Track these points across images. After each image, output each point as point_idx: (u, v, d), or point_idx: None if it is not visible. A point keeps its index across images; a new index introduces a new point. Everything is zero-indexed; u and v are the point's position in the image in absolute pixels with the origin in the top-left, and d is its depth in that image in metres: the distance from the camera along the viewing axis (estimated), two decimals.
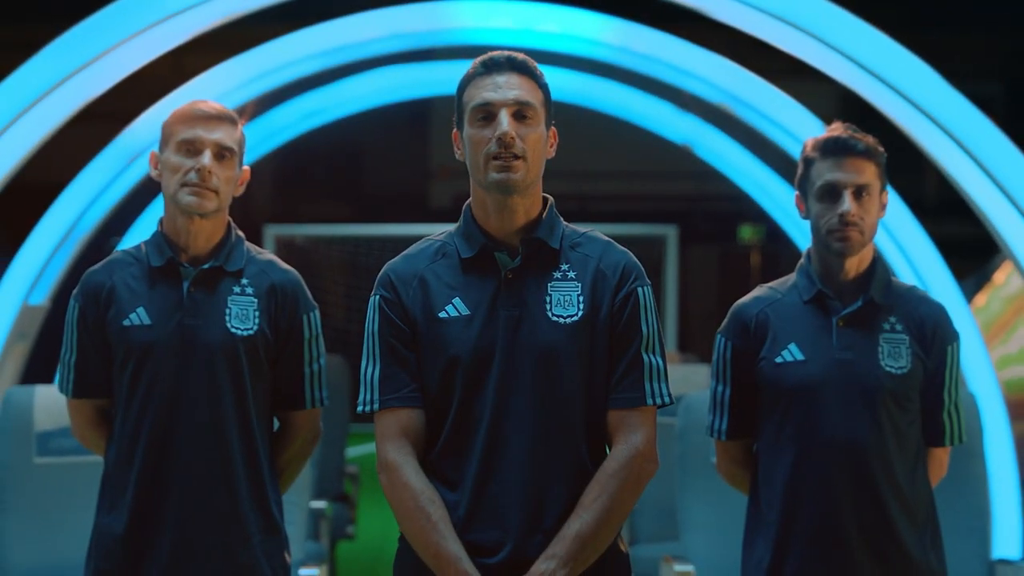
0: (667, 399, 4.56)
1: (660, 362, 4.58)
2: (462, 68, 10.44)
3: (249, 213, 24.10)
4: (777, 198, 10.68)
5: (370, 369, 4.62)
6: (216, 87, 8.72)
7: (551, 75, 11.16)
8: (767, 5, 6.83)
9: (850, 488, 5.16)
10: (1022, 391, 18.30)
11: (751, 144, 10.43)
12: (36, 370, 9.95)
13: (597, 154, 22.83)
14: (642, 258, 4.65)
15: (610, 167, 27.13)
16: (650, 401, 4.47)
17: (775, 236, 19.57)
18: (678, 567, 7.35)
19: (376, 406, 4.57)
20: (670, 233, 24.28)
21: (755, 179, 10.73)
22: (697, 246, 27.89)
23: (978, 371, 9.18)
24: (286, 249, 24.04)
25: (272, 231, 23.53)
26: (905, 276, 9.48)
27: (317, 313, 5.57)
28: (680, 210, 27.05)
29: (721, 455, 5.55)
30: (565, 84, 10.67)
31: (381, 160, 29.84)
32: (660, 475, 8.90)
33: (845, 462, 5.15)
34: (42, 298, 9.38)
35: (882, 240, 9.59)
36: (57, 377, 5.50)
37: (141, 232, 11.17)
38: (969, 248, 17.90)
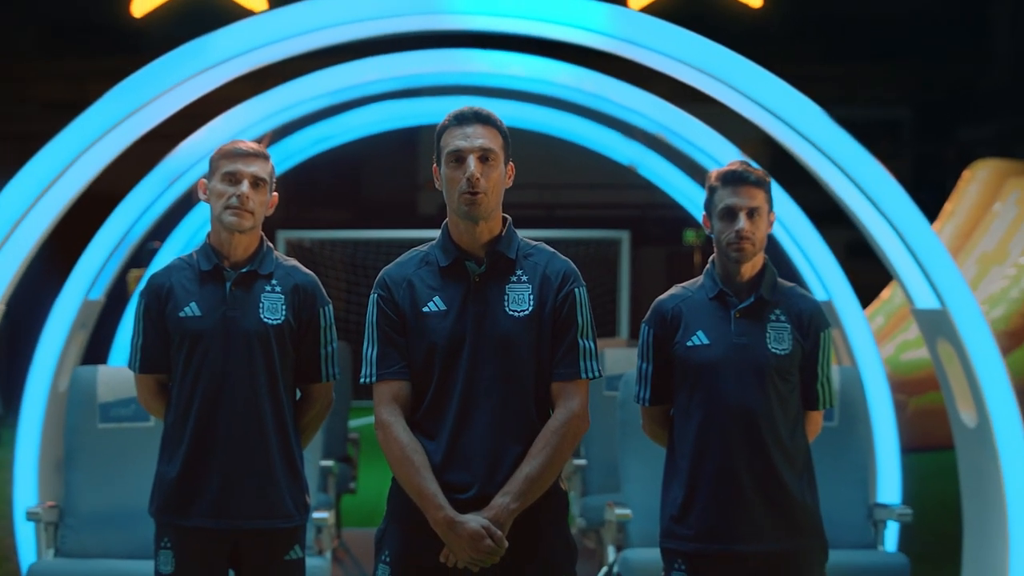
0: (597, 374, 5.04)
1: (592, 345, 5.04)
2: (442, 103, 10.65)
3: (264, 220, 24.46)
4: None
5: (370, 350, 5.07)
6: (243, 119, 8.96)
7: (524, 110, 11.28)
8: (694, 60, 7.06)
9: (744, 443, 5.49)
10: (913, 371, 18.54)
11: (683, 165, 10.75)
12: (95, 353, 10.32)
13: (563, 170, 22.81)
14: (600, 258, 5.21)
15: (574, 180, 27.02)
16: (583, 375, 4.96)
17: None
18: (618, 511, 7.67)
19: (374, 378, 5.04)
20: (624, 237, 24.22)
21: (687, 194, 10.97)
22: (647, 247, 27.71)
23: (867, 358, 9.47)
24: (295, 250, 24.06)
25: (283, 235, 23.56)
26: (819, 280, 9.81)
27: (331, 307, 5.91)
28: (633, 216, 27.03)
29: (645, 418, 5.87)
30: (535, 117, 10.93)
31: (376, 174, 29.82)
32: (605, 438, 9.19)
33: (740, 423, 5.49)
34: (99, 293, 9.62)
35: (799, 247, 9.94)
36: (127, 358, 5.87)
37: (178, 239, 11.46)
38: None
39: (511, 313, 5.07)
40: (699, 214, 10.71)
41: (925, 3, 29.30)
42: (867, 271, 13.53)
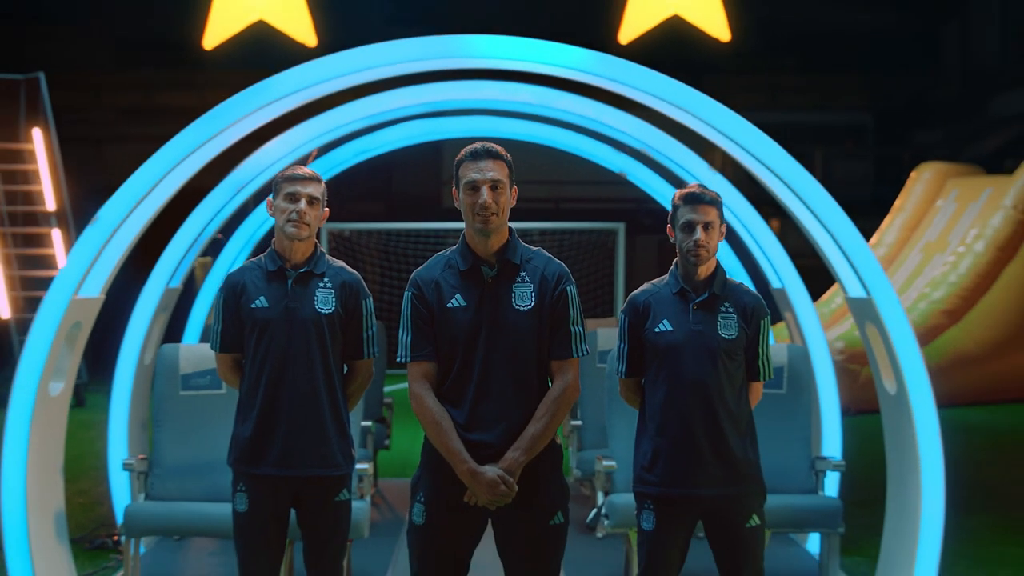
0: (586, 352, 5.50)
1: (581, 330, 5.49)
2: (463, 121, 10.75)
3: None
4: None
5: (405, 336, 5.50)
6: (298, 138, 9.19)
7: (532, 127, 11.39)
8: (657, 92, 7.27)
9: (699, 409, 5.88)
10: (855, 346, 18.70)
11: (663, 174, 10.96)
12: (173, 332, 10.57)
13: (567, 170, 22.90)
14: (599, 246, 5.68)
15: (576, 178, 27.01)
16: (575, 355, 5.43)
17: None
18: (606, 463, 8.01)
19: (408, 359, 5.47)
20: (620, 228, 24.17)
21: (666, 196, 11.01)
22: (641, 237, 27.56)
23: (814, 337, 9.71)
24: (336, 240, 24.20)
25: (327, 227, 23.32)
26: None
27: (371, 299, 6.30)
28: (627, 210, 26.98)
29: (621, 386, 6.25)
30: (541, 133, 11.06)
31: (405, 173, 29.84)
32: (597, 403, 9.50)
33: (696, 393, 5.86)
34: (177, 282, 9.85)
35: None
36: (211, 339, 6.26)
37: (241, 234, 11.60)
38: None
39: (517, 307, 5.49)
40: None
41: (886, 24, 29.24)
42: None
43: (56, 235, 20.33)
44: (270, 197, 6.27)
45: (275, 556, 6.28)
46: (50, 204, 20.46)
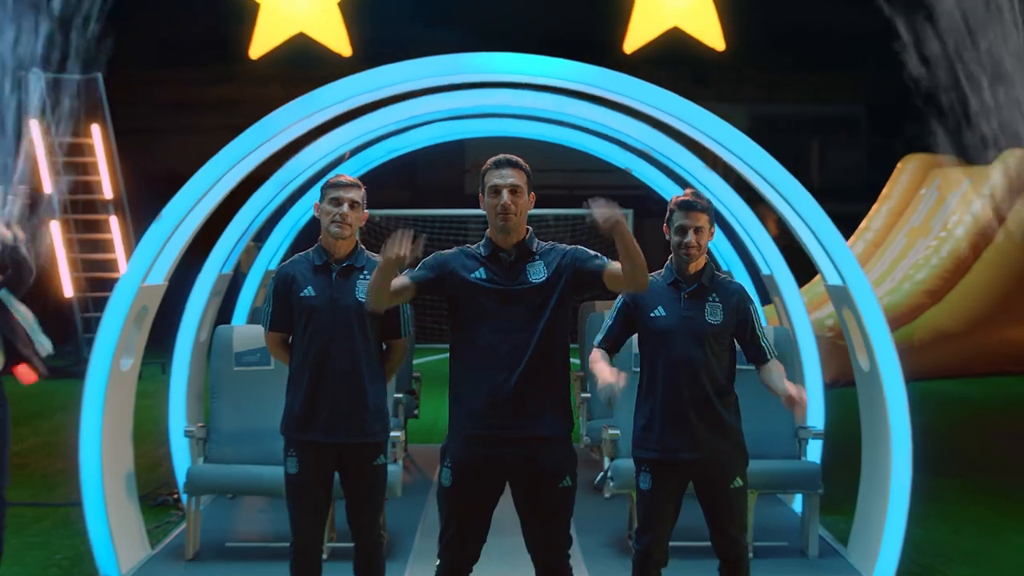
0: (607, 261, 5.76)
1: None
2: (483, 123, 10.67)
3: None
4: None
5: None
6: (336, 140, 9.35)
7: (548, 128, 11.31)
8: (649, 100, 7.67)
9: (688, 386, 6.12)
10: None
11: (664, 170, 11.17)
12: (223, 315, 10.85)
13: (580, 159, 23.07)
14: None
15: (589, 167, 27.28)
16: (605, 261, 5.72)
17: None
18: (611, 431, 8.32)
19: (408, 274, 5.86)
20: (628, 214, 24.40)
21: (667, 189, 11.21)
22: (648, 220, 27.94)
23: (800, 319, 9.98)
24: (367, 224, 24.52)
25: None
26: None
27: None
28: (636, 196, 27.35)
29: (593, 352, 6.39)
30: (558, 134, 11.42)
31: (430, 162, 30.26)
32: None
33: (686, 371, 6.12)
34: (228, 268, 10.10)
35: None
36: (262, 319, 6.49)
37: (284, 225, 11.79)
38: None
39: (532, 280, 5.72)
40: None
41: (877, 24, 29.08)
42: None
43: (113, 221, 20.70)
44: (317, 201, 6.49)
45: (321, 514, 6.50)
46: (108, 193, 20.84)
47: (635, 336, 6.47)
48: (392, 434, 7.66)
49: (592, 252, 5.85)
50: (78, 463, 8.13)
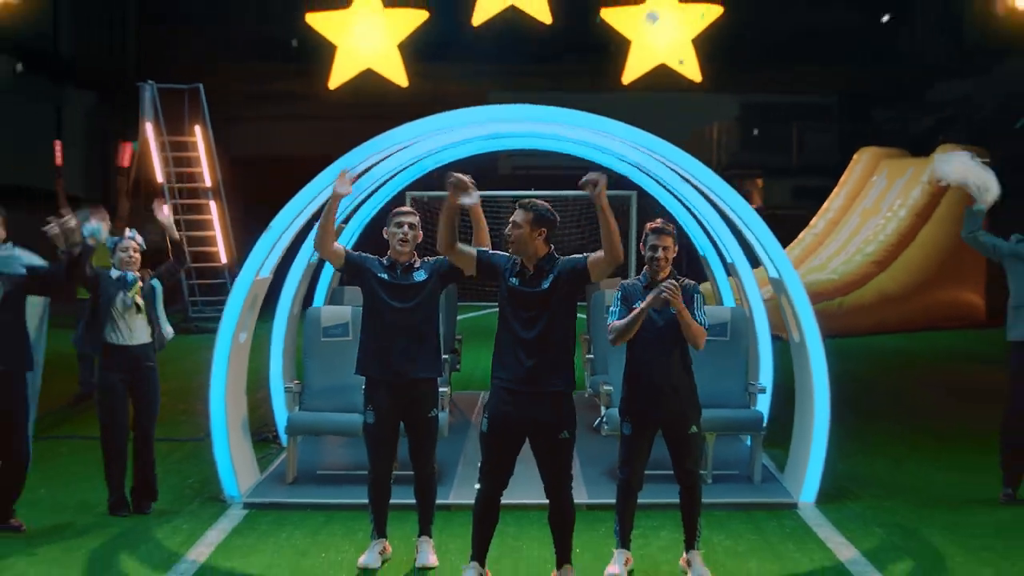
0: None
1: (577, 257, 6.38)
2: (511, 139, 10.66)
3: (395, 182, 24.33)
4: (671, 205, 11.33)
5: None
6: (400, 160, 9.87)
7: (563, 143, 11.40)
8: (621, 135, 8.44)
9: (657, 359, 6.75)
10: (814, 286, 19.31)
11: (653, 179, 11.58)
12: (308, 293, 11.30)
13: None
14: (615, 209, 6.04)
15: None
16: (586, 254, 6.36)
17: None
18: (606, 387, 8.98)
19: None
20: (632, 195, 24.08)
21: (656, 191, 11.69)
22: (650, 199, 28.07)
23: (755, 299, 10.24)
24: (417, 204, 24.37)
25: (410, 194, 22.92)
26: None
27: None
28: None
29: (611, 324, 6.85)
30: (569, 147, 11.37)
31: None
32: (604, 344, 9.90)
33: (656, 349, 6.74)
34: (315, 258, 10.41)
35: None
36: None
37: (355, 221, 12.01)
38: None
39: (543, 287, 6.36)
40: (670, 202, 10.85)
41: (850, 23, 28.81)
42: None
43: (212, 205, 21.56)
44: (385, 227, 7.15)
45: (391, 451, 7.14)
46: (207, 182, 21.67)
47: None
48: (441, 389, 8.09)
49: (578, 256, 6.44)
50: (198, 407, 8.72)
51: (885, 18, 21.87)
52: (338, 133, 21.67)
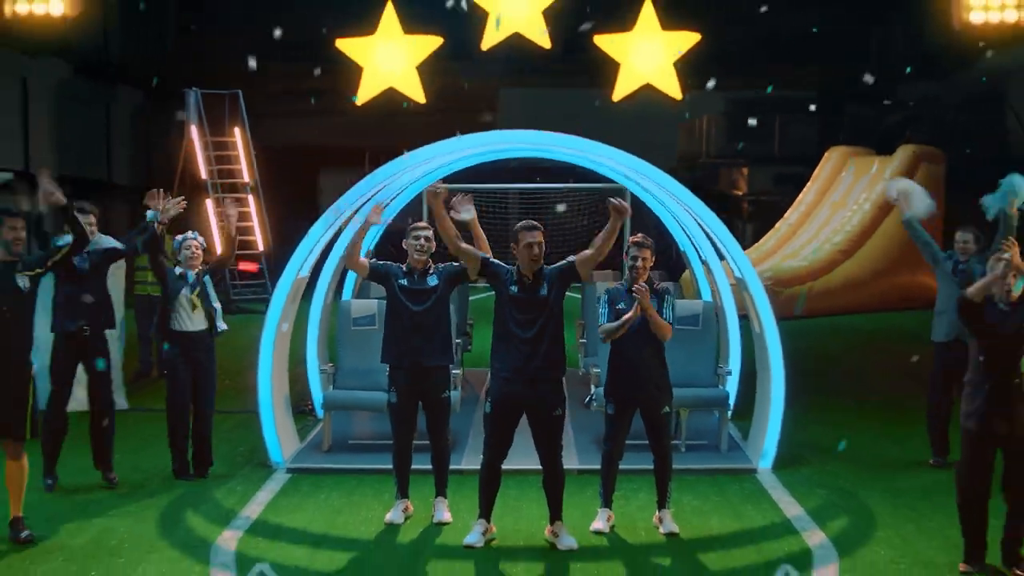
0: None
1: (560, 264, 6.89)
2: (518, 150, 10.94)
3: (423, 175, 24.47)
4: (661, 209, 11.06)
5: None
6: (419, 171, 9.99)
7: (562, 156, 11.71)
8: (600, 154, 8.83)
9: (637, 352, 7.19)
10: (787, 272, 18.77)
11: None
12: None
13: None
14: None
15: None
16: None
17: None
18: (595, 369, 9.45)
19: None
20: (628, 191, 25.07)
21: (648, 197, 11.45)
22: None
23: (726, 292, 10.44)
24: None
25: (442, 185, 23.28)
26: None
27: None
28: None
29: (602, 327, 7.31)
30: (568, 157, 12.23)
31: None
32: (595, 330, 10.03)
33: (636, 343, 7.16)
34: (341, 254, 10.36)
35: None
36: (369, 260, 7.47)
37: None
38: None
39: (540, 294, 6.88)
40: (659, 210, 11.21)
41: (827, 27, 28.65)
42: None
43: (250, 199, 22.05)
44: (405, 238, 7.56)
45: (411, 426, 7.59)
46: (246, 178, 22.12)
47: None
48: (454, 372, 8.49)
49: (561, 262, 6.96)
50: (243, 382, 9.31)
51: (869, 79, 21.92)
52: (363, 127, 22.02)
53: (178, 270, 8.67)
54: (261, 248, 21.90)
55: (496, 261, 7.21)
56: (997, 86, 24.09)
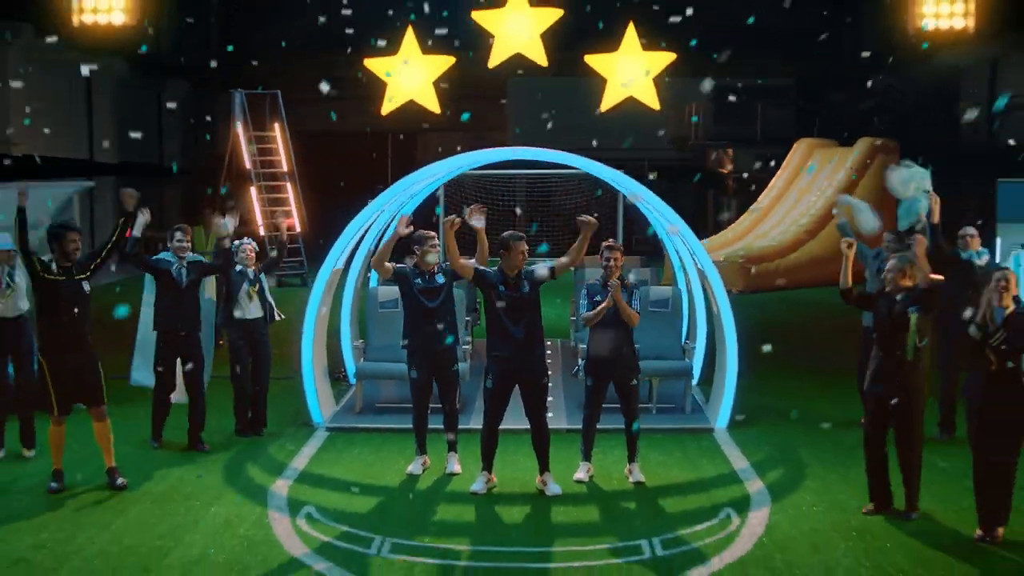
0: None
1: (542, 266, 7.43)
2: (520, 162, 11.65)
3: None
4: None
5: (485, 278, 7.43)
6: (436, 172, 10.41)
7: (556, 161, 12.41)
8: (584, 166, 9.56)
9: (610, 335, 7.75)
10: (758, 251, 20.08)
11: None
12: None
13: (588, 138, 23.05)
14: (605, 188, 7.48)
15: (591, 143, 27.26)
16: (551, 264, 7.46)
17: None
18: (581, 345, 9.74)
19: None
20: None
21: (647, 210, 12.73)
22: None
23: (695, 281, 10.79)
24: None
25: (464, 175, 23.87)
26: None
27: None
28: (629, 159, 28.02)
29: (583, 315, 7.84)
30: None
31: None
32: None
33: (611, 328, 7.74)
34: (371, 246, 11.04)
35: None
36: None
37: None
38: None
39: (522, 291, 7.42)
40: (646, 209, 11.59)
41: (805, 23, 28.87)
42: None
43: (288, 186, 22.73)
44: (417, 245, 8.03)
45: (427, 394, 8.14)
46: (284, 167, 22.80)
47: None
48: (464, 347, 9.29)
49: (541, 266, 7.46)
50: (285, 351, 9.92)
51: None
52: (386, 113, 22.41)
53: (238, 268, 9.33)
54: (298, 229, 22.52)
55: (483, 269, 7.70)
56: (948, 82, 24.51)
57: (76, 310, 7.59)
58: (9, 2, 18.83)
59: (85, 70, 18.77)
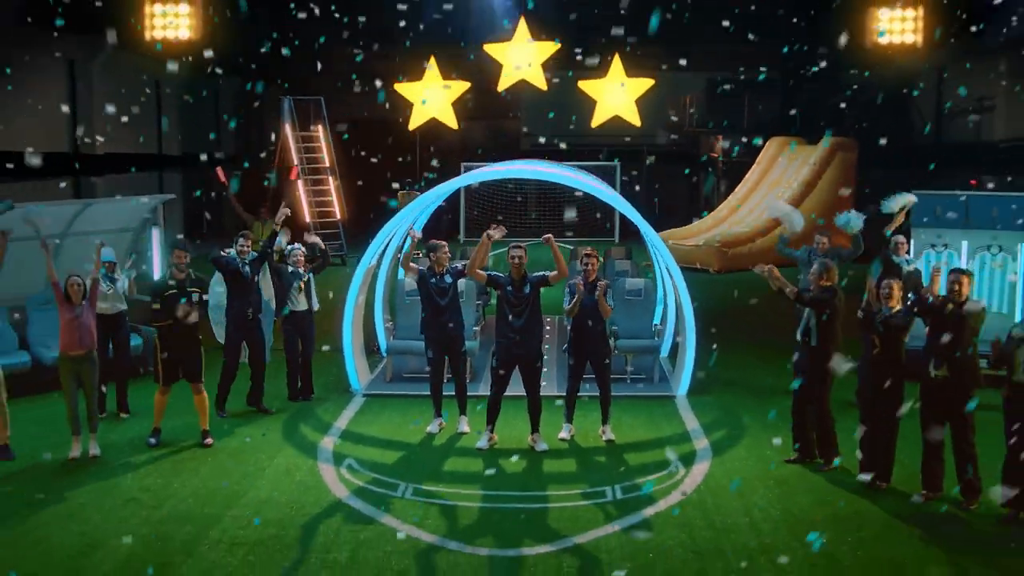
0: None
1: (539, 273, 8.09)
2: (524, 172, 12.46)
3: (452, 157, 25.35)
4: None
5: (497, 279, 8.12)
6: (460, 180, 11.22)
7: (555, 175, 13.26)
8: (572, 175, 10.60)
9: (589, 323, 8.43)
10: (733, 236, 20.37)
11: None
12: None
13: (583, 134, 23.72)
14: (602, 175, 8.28)
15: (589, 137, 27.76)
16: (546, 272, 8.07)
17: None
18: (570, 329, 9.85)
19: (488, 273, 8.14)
20: (616, 165, 25.77)
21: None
22: (630, 165, 28.48)
23: (666, 272, 10.98)
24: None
25: (463, 164, 23.41)
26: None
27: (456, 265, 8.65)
28: (624, 150, 27.71)
29: (568, 307, 8.50)
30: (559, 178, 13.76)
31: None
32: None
33: (588, 317, 8.42)
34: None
35: None
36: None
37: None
38: None
39: (525, 292, 8.13)
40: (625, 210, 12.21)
41: (791, 18, 28.95)
42: None
43: (330, 180, 23.48)
44: (431, 251, 8.71)
45: (442, 368, 8.86)
46: (327, 163, 23.50)
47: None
48: (474, 328, 9.98)
49: (539, 273, 8.09)
50: (325, 326, 10.37)
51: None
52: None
53: (289, 268, 10.15)
54: (338, 216, 23.27)
55: (495, 274, 8.42)
56: (903, 89, 24.97)
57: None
58: (92, 20, 19.44)
59: (154, 79, 18.75)
